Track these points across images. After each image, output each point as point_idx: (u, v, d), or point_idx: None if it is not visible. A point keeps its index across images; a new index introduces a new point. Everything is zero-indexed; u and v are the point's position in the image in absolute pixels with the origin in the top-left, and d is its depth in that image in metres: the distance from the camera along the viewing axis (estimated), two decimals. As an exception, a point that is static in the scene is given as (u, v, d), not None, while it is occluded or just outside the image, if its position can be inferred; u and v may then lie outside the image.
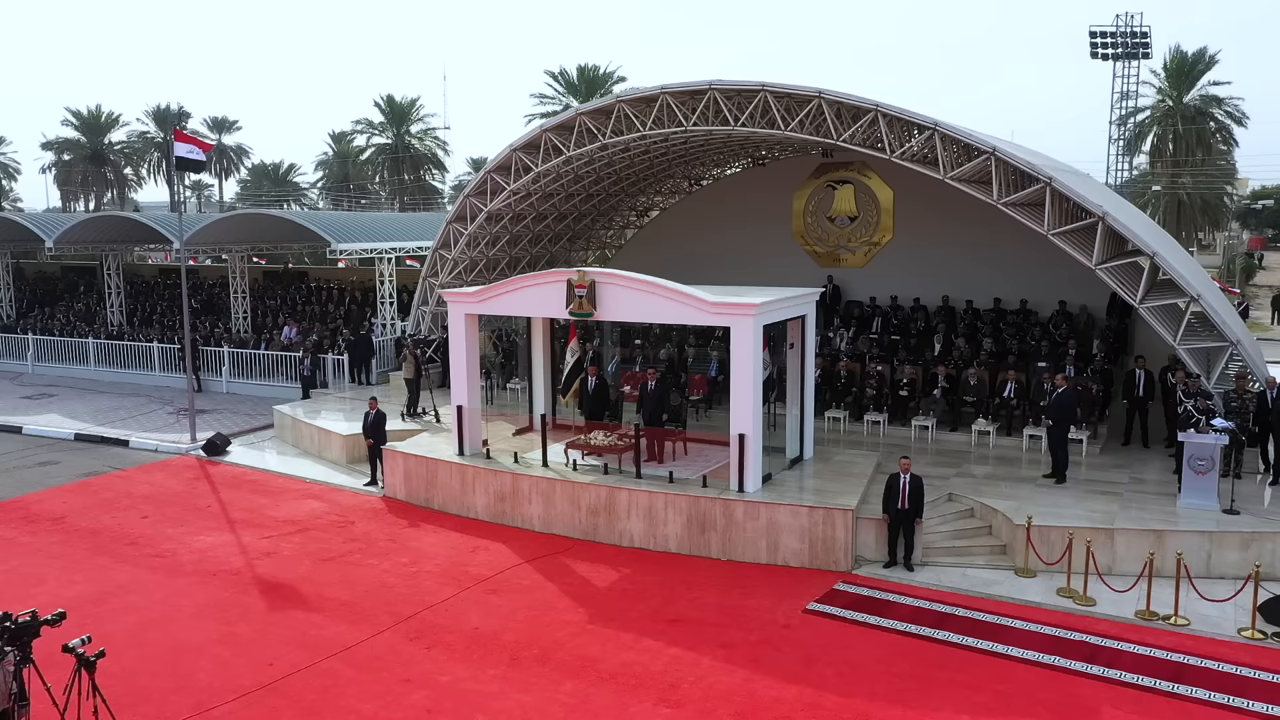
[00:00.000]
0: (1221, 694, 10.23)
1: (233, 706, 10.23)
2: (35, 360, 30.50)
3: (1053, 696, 10.26)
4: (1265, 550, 12.89)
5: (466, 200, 22.07)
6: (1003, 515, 14.08)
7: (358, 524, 16.26)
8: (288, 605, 12.94)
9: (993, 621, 12.06)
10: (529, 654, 11.40)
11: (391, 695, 10.45)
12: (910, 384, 19.41)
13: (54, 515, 16.92)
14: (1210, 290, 18.09)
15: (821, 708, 10.08)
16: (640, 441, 15.81)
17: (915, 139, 16.75)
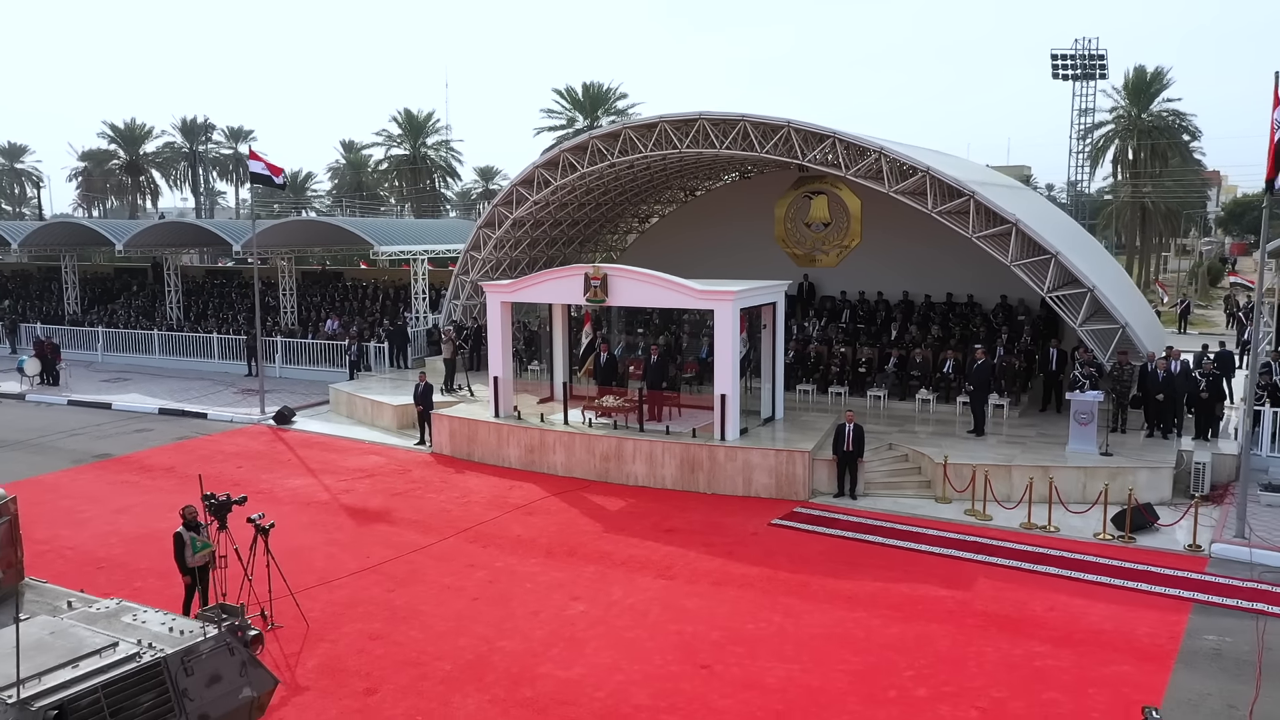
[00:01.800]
0: (1069, 570, 14.04)
1: (346, 579, 14.05)
2: (104, 350, 34.31)
3: (945, 573, 14.06)
4: (1126, 481, 16.64)
5: (495, 209, 25.92)
6: (928, 457, 17.90)
7: (414, 471, 20.09)
8: (371, 522, 16.77)
9: (912, 530, 15.89)
10: (560, 550, 15.22)
11: (460, 573, 14.27)
12: (868, 363, 23.27)
13: (164, 466, 20.74)
14: (1113, 283, 21.91)
15: (775, 579, 13.89)
16: (643, 404, 19.64)
17: (865, 160, 20.59)
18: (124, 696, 7.61)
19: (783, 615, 12.65)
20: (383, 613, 12.88)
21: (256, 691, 8.60)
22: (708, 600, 13.18)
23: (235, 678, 8.42)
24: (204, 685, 8.15)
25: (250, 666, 8.67)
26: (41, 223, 41.38)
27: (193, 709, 7.97)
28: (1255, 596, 13.03)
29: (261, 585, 12.59)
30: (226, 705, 8.24)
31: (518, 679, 10.98)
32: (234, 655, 8.51)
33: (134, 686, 7.70)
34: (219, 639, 8.45)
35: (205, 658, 8.24)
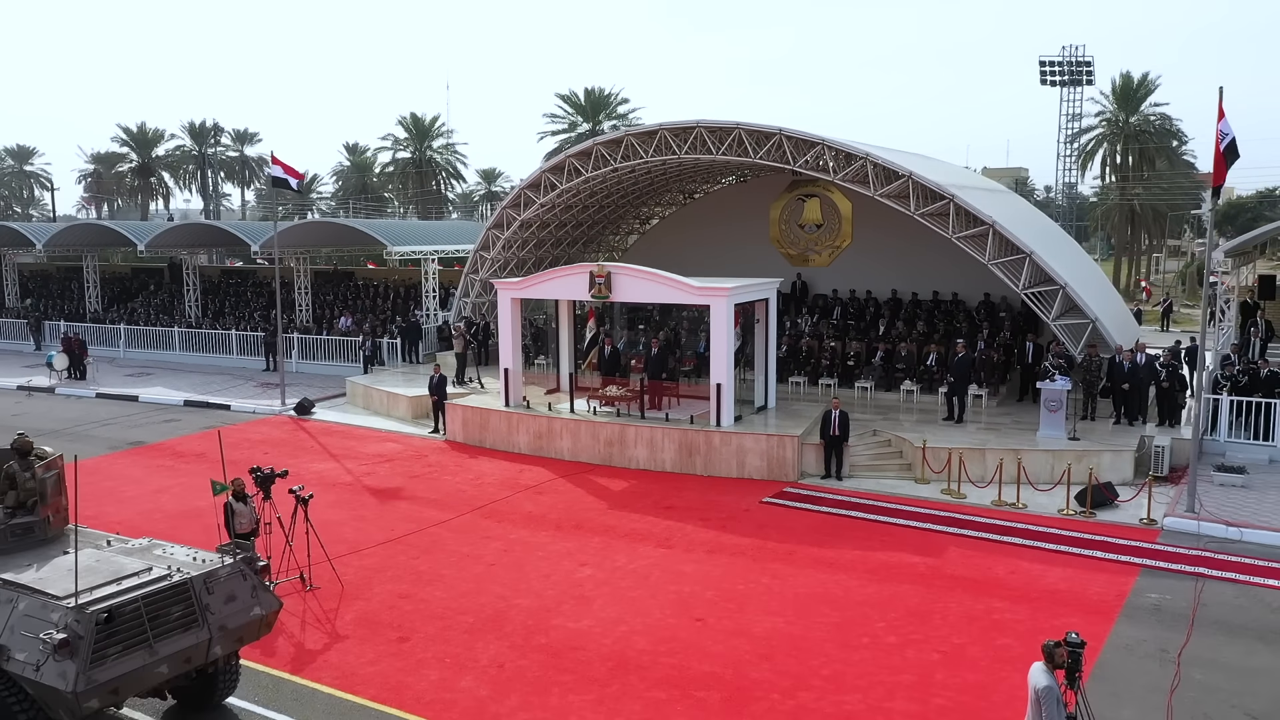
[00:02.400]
0: (1032, 541, 15.41)
1: (374, 549, 15.43)
2: (126, 347, 35.69)
3: (920, 543, 15.43)
4: (1091, 463, 17.97)
5: (503, 211, 27.31)
6: (909, 442, 19.28)
7: (430, 456, 21.48)
8: (393, 500, 18.15)
9: (891, 507, 17.26)
10: (568, 524, 16.60)
11: (477, 543, 15.65)
12: (856, 356, 24.65)
13: (195, 452, 22.13)
14: (1086, 281, 23.27)
15: (764, 548, 15.26)
16: (644, 394, 21.02)
17: (853, 165, 21.96)
18: (158, 607, 9.23)
19: (770, 578, 14.03)
20: (409, 576, 14.26)
21: (265, 610, 10.20)
22: (703, 565, 14.56)
23: (248, 598, 10.03)
24: (222, 603, 9.76)
25: (259, 590, 10.25)
26: (65, 224, 42.80)
27: (213, 621, 9.59)
28: (1198, 562, 14.40)
29: (301, 552, 13.98)
30: (240, 620, 9.89)
31: (533, 629, 12.36)
32: (246, 580, 10.10)
33: (166, 600, 9.33)
34: (234, 567, 10.04)
35: (223, 581, 9.84)
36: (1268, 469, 18.66)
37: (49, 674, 8.49)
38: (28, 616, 8.86)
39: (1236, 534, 15.37)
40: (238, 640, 10.00)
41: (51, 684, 8.47)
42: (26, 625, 8.79)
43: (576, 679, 11.03)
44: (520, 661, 11.50)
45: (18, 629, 8.82)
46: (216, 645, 9.62)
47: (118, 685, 8.80)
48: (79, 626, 8.56)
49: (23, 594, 9.10)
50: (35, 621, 8.77)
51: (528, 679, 11.05)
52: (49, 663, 8.51)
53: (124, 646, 8.84)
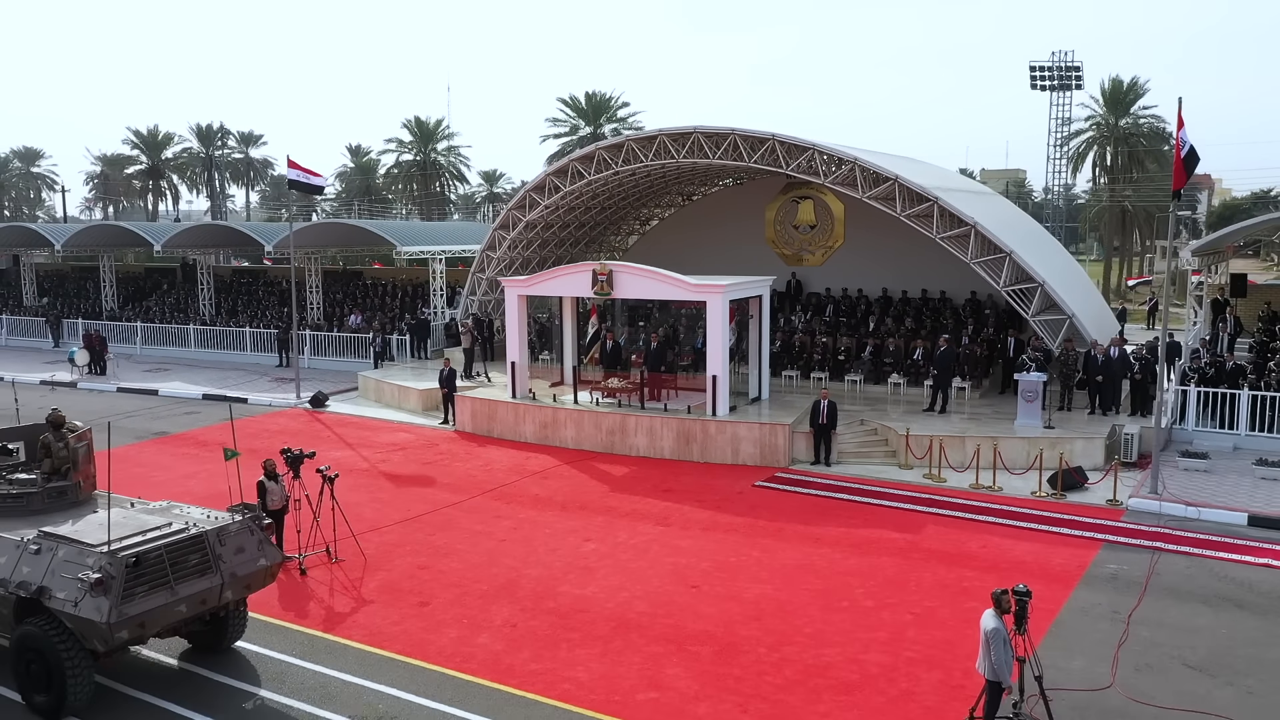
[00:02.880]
0: (1005, 519, 16.57)
1: (393, 527, 16.58)
2: (142, 344, 36.87)
3: (900, 522, 16.59)
4: (1064, 450, 19.15)
5: (509, 212, 28.47)
6: (894, 430, 20.44)
7: (441, 445, 22.64)
8: (408, 484, 19.32)
9: (875, 490, 18.42)
10: (573, 505, 17.77)
11: (489, 522, 16.81)
12: (847, 351, 25.81)
13: (218, 442, 23.19)
14: (1065, 279, 24.42)
15: (755, 526, 16.42)
16: (644, 386, 22.17)
17: (842, 169, 23.13)
18: (178, 555, 10.57)
19: (760, 551, 15.19)
20: (426, 550, 15.43)
21: (269, 562, 11.52)
22: (698, 541, 15.73)
23: (254, 551, 11.35)
24: (233, 553, 11.08)
25: (265, 544, 11.54)
26: (84, 225, 43.95)
27: (225, 568, 10.90)
28: (1156, 538, 15.57)
29: (327, 528, 15.14)
30: (248, 568, 11.20)
31: (542, 595, 13.52)
32: (253, 535, 11.42)
33: (185, 549, 10.66)
34: (243, 523, 11.34)
35: (233, 535, 11.16)
36: (1231, 455, 19.82)
37: (86, 609, 9.85)
38: (66, 562, 10.21)
39: (1195, 513, 16.52)
40: (246, 587, 11.36)
41: (88, 617, 9.82)
42: (65, 569, 10.15)
43: (582, 636, 12.20)
44: (531, 622, 12.66)
45: (58, 573, 10.17)
46: (228, 590, 10.99)
47: (144, 620, 10.15)
48: (111, 569, 9.92)
49: (61, 544, 10.44)
50: (73, 566, 10.13)
51: (538, 636, 12.21)
52: (86, 599, 9.87)
53: (149, 587, 10.21)
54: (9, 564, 10.52)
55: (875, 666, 11.32)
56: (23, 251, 44.84)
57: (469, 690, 10.86)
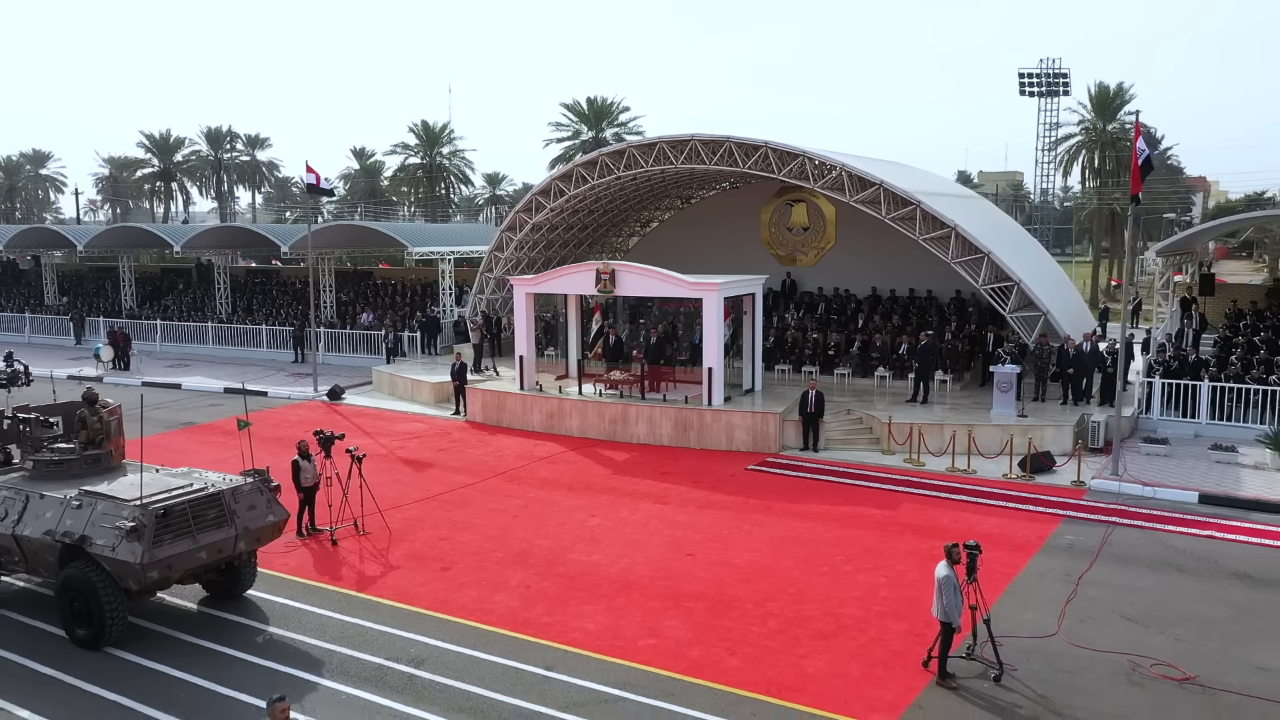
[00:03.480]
0: (977, 498, 18.02)
1: (413, 505, 18.03)
2: (162, 341, 38.33)
3: (880, 500, 18.03)
4: (1035, 436, 20.59)
5: (516, 215, 29.93)
6: (877, 419, 21.89)
7: (453, 434, 24.09)
8: (425, 468, 20.77)
9: (859, 473, 19.87)
10: (578, 486, 19.22)
11: (501, 500, 18.26)
12: (836, 346, 27.25)
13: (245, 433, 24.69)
14: (1043, 278, 25.85)
15: (747, 504, 17.87)
16: (644, 378, 23.62)
17: (830, 174, 24.57)
18: (199, 509, 12.35)
19: (750, 525, 16.64)
20: (445, 524, 16.88)
21: (276, 518, 13.29)
22: (694, 516, 17.18)
23: (264, 508, 13.13)
24: (245, 510, 12.85)
25: (273, 503, 13.31)
26: (104, 226, 45.39)
27: (238, 522, 12.67)
28: (1113, 513, 17.01)
29: (355, 503, 16.59)
30: (259, 523, 12.99)
31: (553, 562, 14.97)
32: (263, 495, 13.21)
33: (204, 504, 12.42)
34: (254, 485, 13.11)
35: (246, 494, 12.94)
36: (1191, 441, 21.28)
37: (122, 552, 11.57)
38: (104, 514, 11.93)
39: (1151, 492, 17.98)
40: (256, 539, 13.10)
41: (124, 559, 11.54)
42: (104, 520, 11.88)
43: (589, 595, 13.65)
44: (543, 584, 14.11)
45: (97, 523, 11.90)
46: (241, 541, 12.73)
47: (170, 562, 11.89)
48: (144, 518, 11.65)
49: (100, 499, 12.16)
50: (110, 517, 11.87)
51: (550, 595, 13.66)
52: (122, 544, 11.59)
53: (175, 535, 11.96)
54: (54, 517, 12.27)
55: (849, 619, 12.77)
56: (42, 252, 46.28)
57: (490, 638, 12.31)
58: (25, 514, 12.55)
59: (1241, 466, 19.49)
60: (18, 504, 12.69)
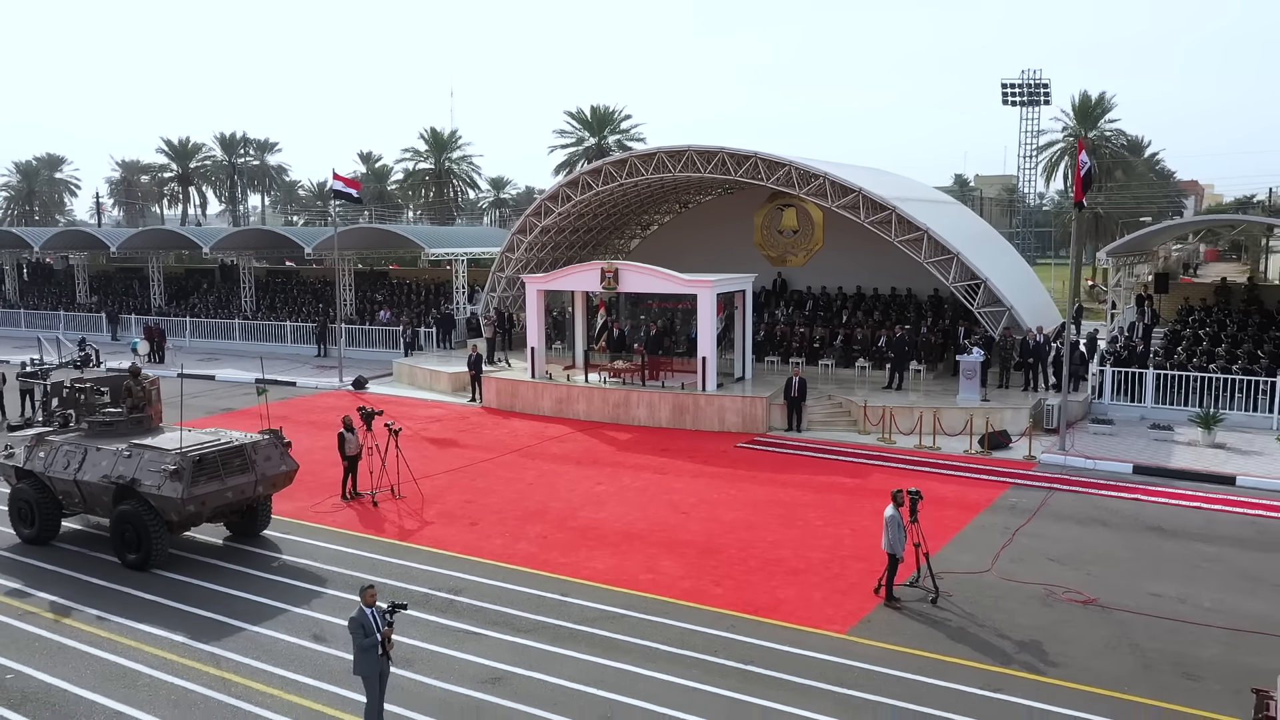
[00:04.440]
0: (938, 469, 20.39)
1: (440, 475, 20.41)
2: (191, 336, 40.74)
3: (853, 471, 20.41)
4: (994, 417, 22.93)
5: (526, 218, 32.32)
6: (854, 403, 24.27)
7: (471, 418, 26.48)
8: (448, 445, 23.16)
9: (836, 449, 22.25)
10: (586, 460, 21.61)
11: (517, 471, 20.64)
12: (821, 339, 29.64)
13: (280, 416, 26.82)
14: (1009, 277, 28.22)
15: (735, 474, 20.24)
16: (645, 367, 26.01)
17: (814, 182, 26.95)
18: (225, 458, 15.31)
19: (737, 490, 19.03)
20: (470, 490, 19.27)
21: (288, 468, 16.27)
22: (688, 484, 19.56)
23: (278, 459, 16.17)
24: (263, 460, 15.83)
25: (285, 456, 16.31)
26: (135, 229, 47.76)
27: (258, 469, 15.64)
28: (1056, 481, 19.39)
29: (391, 471, 18.97)
30: (274, 471, 15.99)
31: (565, 519, 17.35)
32: (277, 448, 16.22)
33: (230, 454, 15.39)
34: (270, 441, 16.20)
35: (264, 448, 15.95)
36: (1136, 423, 23.65)
37: (166, 490, 14.52)
38: (151, 461, 14.91)
39: (1092, 464, 20.35)
40: (272, 485, 16.07)
41: (168, 495, 14.49)
42: (150, 465, 14.88)
43: (597, 543, 16.03)
44: (558, 535, 16.49)
45: (145, 468, 14.86)
46: (259, 485, 15.74)
47: (204, 499, 14.79)
48: (183, 463, 14.62)
49: (147, 450, 15.18)
50: (155, 462, 14.83)
51: (563, 543, 16.04)
52: (166, 483, 14.53)
53: (207, 477, 14.88)
54: (109, 465, 15.18)
55: (817, 560, 15.15)
56: (72, 253, 48.68)
57: (514, 574, 14.69)
58: (84, 464, 15.50)
59: (1175, 443, 21.88)
60: (78, 456, 15.63)
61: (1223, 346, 25.34)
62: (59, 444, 16.09)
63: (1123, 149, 57.66)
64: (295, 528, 17.10)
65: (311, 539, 16.45)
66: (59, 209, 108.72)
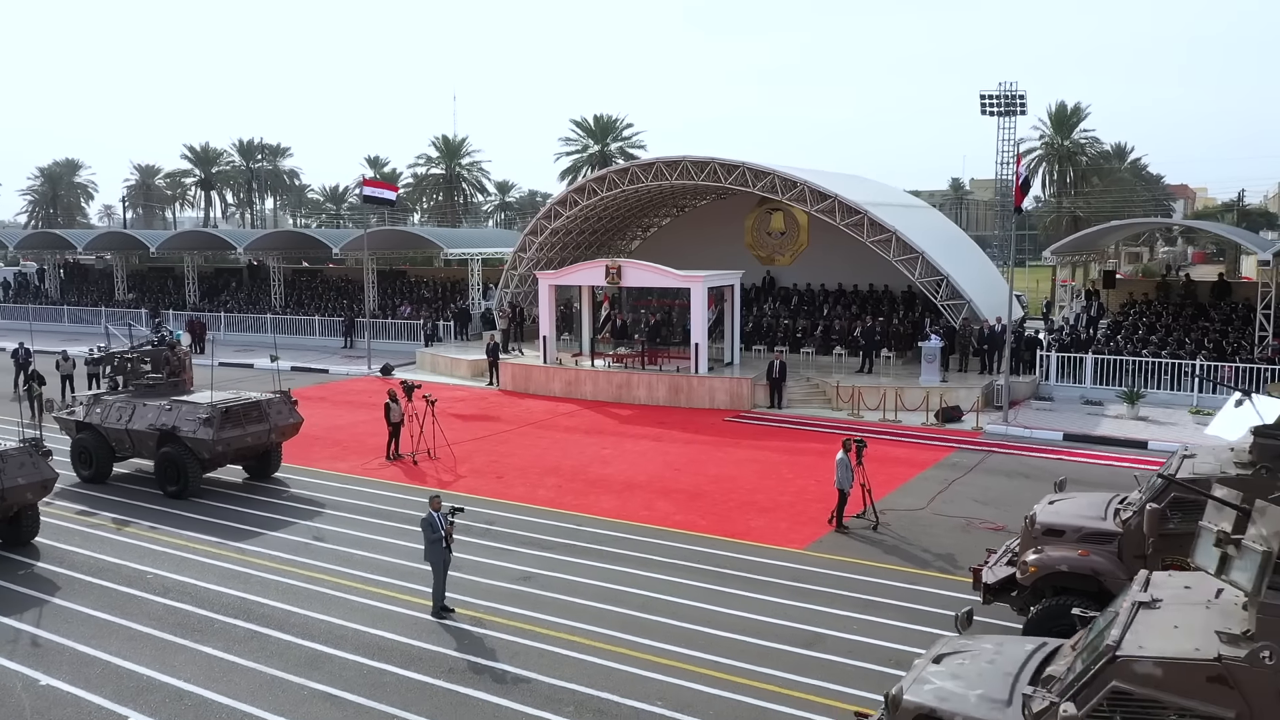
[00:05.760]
0: (897, 437, 23.69)
1: (467, 442, 23.71)
2: (225, 330, 44.11)
3: (823, 438, 23.68)
4: (949, 395, 26.22)
5: (537, 221, 35.66)
6: (829, 384, 27.58)
7: (490, 399, 29.81)
8: (471, 420, 26.49)
9: (811, 421, 25.56)
10: (593, 431, 24.93)
11: (534, 439, 23.96)
12: (803, 330, 32.96)
13: (318, 398, 30.41)
14: (972, 274, 31.51)
15: (722, 441, 23.55)
16: (644, 353, 29.34)
17: (795, 189, 30.26)
18: (245, 410, 19.43)
19: (722, 453, 22.35)
20: (494, 453, 22.58)
21: (296, 420, 20.43)
22: (681, 449, 22.88)
23: (289, 413, 20.35)
24: (276, 413, 19.93)
25: (293, 411, 20.40)
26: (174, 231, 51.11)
27: (272, 420, 19.76)
28: (996, 446, 22.70)
29: (428, 437, 22.29)
30: (284, 421, 20.12)
31: (576, 474, 20.66)
32: (288, 404, 20.36)
33: (250, 407, 19.56)
34: (281, 398, 20.36)
35: (277, 403, 20.13)
36: (1076, 400, 26.96)
37: (200, 434, 18.72)
38: (187, 412, 19.12)
39: (1029, 433, 23.66)
40: (282, 434, 20.12)
41: (201, 438, 18.66)
42: (187, 415, 19.00)
43: (604, 490, 19.34)
44: (571, 485, 19.81)
45: (183, 418, 19.02)
46: (273, 434, 19.87)
47: (230, 442, 18.89)
48: (213, 413, 18.82)
49: (184, 404, 19.42)
50: (191, 413, 19.03)
51: (576, 491, 19.35)
52: (200, 429, 18.74)
53: (232, 425, 18.99)
54: (154, 417, 19.37)
55: (784, 502, 18.47)
56: (109, 254, 52.01)
57: (537, 511, 18.01)
58: (133, 416, 19.64)
59: (1105, 416, 25.19)
60: (128, 411, 19.81)
61: (1156, 335, 28.62)
62: (112, 402, 20.30)
63: (1100, 156, 60.95)
64: (351, 480, 20.42)
65: (365, 489, 19.75)
66: (79, 212, 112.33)
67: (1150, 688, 6.19)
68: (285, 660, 11.86)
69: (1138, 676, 6.23)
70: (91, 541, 16.53)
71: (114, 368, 21.61)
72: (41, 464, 16.29)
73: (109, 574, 14.91)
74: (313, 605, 13.58)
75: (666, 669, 11.51)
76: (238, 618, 13.17)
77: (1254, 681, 5.95)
